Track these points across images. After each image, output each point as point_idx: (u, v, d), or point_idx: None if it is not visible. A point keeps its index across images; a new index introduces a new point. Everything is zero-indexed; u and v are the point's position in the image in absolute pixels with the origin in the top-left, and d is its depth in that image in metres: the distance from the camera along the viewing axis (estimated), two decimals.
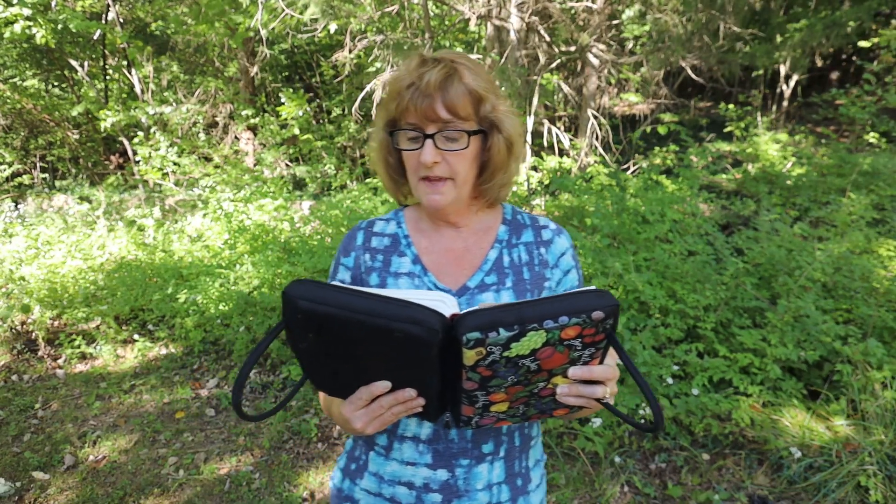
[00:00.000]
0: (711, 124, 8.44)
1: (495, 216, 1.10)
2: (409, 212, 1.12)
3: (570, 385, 0.82)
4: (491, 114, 0.97)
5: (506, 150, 1.00)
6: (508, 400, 0.84)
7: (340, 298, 0.76)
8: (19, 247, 5.01)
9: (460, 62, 0.95)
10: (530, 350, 0.76)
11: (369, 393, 0.84)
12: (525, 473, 1.08)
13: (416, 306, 0.75)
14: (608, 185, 4.59)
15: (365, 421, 0.86)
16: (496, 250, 1.06)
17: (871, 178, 5.07)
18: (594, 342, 0.78)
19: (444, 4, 7.11)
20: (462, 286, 1.02)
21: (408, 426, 1.03)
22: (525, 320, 0.73)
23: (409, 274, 1.03)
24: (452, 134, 0.94)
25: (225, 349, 4.00)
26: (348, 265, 1.08)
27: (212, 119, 10.79)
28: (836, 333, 2.79)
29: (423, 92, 0.92)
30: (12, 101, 9.85)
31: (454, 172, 0.97)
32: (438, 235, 1.07)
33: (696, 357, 2.87)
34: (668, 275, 3.38)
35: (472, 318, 0.74)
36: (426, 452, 1.02)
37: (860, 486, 2.34)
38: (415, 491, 1.03)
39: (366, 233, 1.10)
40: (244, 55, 9.98)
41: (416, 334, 0.74)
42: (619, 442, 2.79)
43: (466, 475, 1.02)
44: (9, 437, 3.10)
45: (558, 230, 1.10)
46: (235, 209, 5.30)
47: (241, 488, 2.67)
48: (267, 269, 4.04)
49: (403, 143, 0.98)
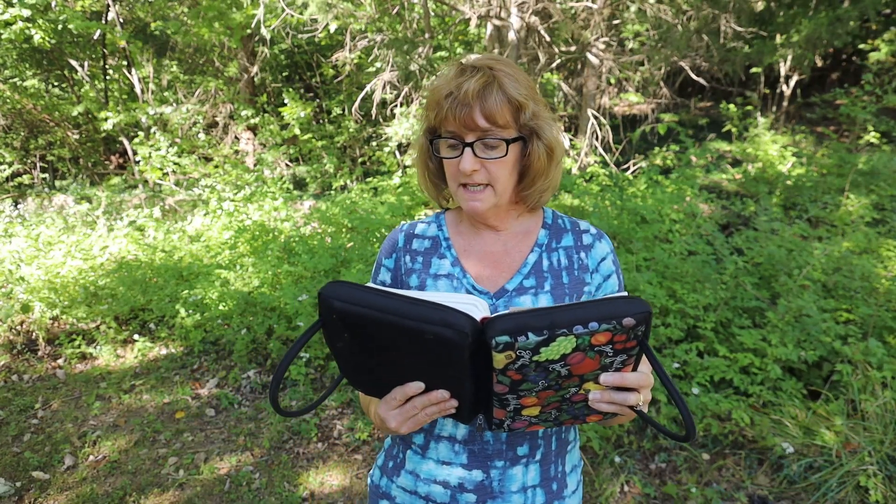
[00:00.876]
0: (711, 124, 8.44)
1: (536, 220, 1.11)
2: (449, 215, 1.14)
3: (602, 391, 0.82)
4: (531, 121, 0.97)
5: (546, 157, 1.00)
6: (540, 404, 0.85)
7: (373, 300, 0.78)
8: (19, 247, 5.01)
9: (500, 69, 0.95)
10: (560, 355, 0.76)
11: (403, 393, 0.86)
12: (561, 478, 1.08)
13: (448, 309, 0.76)
14: (608, 186, 4.59)
15: (399, 420, 0.88)
16: (535, 254, 1.06)
17: (871, 177, 5.08)
18: (626, 349, 0.77)
19: (444, 4, 7.11)
20: (500, 289, 1.03)
21: (444, 426, 1.04)
22: (555, 325, 0.73)
23: (448, 276, 1.05)
24: (491, 142, 0.94)
25: (225, 349, 4.00)
26: (389, 266, 1.10)
27: (212, 119, 10.79)
28: (836, 333, 2.79)
29: (462, 101, 0.92)
30: (12, 101, 9.86)
31: (493, 179, 0.97)
32: (478, 238, 1.08)
33: (696, 357, 2.87)
34: (668, 274, 3.38)
35: (501, 322, 0.74)
36: (462, 453, 1.03)
37: (860, 486, 2.34)
38: (450, 490, 1.04)
39: (407, 235, 1.11)
40: (244, 55, 9.98)
41: (446, 336, 0.75)
42: (619, 441, 2.79)
43: (501, 477, 1.03)
44: (9, 437, 3.10)
45: (599, 235, 1.10)
46: (236, 209, 5.30)
47: (241, 488, 2.67)
48: (267, 269, 4.04)
49: (444, 150, 0.99)
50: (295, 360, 3.64)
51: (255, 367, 3.75)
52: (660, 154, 6.65)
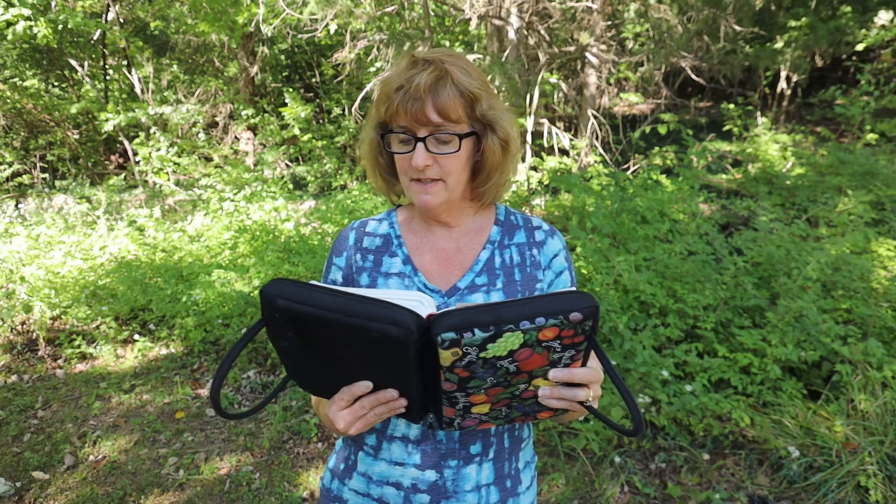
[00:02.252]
0: (711, 124, 8.44)
1: (488, 217, 1.09)
2: (401, 212, 1.12)
3: (551, 387, 0.81)
4: (487, 113, 0.96)
5: (501, 151, 0.99)
6: (489, 402, 0.84)
7: (317, 298, 0.76)
8: (20, 247, 5.01)
9: (452, 63, 0.93)
10: (507, 351, 0.75)
11: (351, 393, 0.84)
12: (515, 475, 1.08)
13: (393, 306, 0.75)
14: (608, 185, 4.59)
15: (348, 421, 0.86)
16: (488, 251, 1.05)
17: (870, 177, 5.08)
18: (574, 344, 0.77)
19: (444, 4, 7.11)
20: (452, 287, 1.02)
21: (397, 426, 1.02)
22: (501, 321, 0.72)
23: (399, 274, 1.03)
24: (444, 137, 0.93)
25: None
26: (340, 265, 1.08)
27: (212, 119, 10.79)
28: (836, 333, 2.79)
29: (413, 95, 0.90)
30: (12, 101, 9.85)
31: (445, 174, 0.96)
32: (430, 235, 1.07)
33: (695, 357, 2.87)
34: (668, 274, 3.38)
35: (447, 319, 0.73)
36: (415, 453, 1.01)
37: (860, 486, 2.34)
38: (403, 491, 1.02)
39: (357, 233, 1.09)
40: (244, 55, 9.98)
41: (392, 334, 0.74)
42: (619, 442, 2.79)
43: (455, 476, 1.02)
44: (9, 437, 3.10)
45: (551, 231, 1.09)
46: (236, 208, 5.30)
47: (241, 488, 2.67)
48: (267, 269, 4.04)
49: (395, 145, 0.97)
50: None
51: (255, 368, 3.75)
52: (658, 154, 6.65)
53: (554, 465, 2.69)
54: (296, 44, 9.89)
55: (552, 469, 2.66)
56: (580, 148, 6.97)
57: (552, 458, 2.73)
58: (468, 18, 6.35)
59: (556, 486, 2.56)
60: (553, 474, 2.61)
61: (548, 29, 7.03)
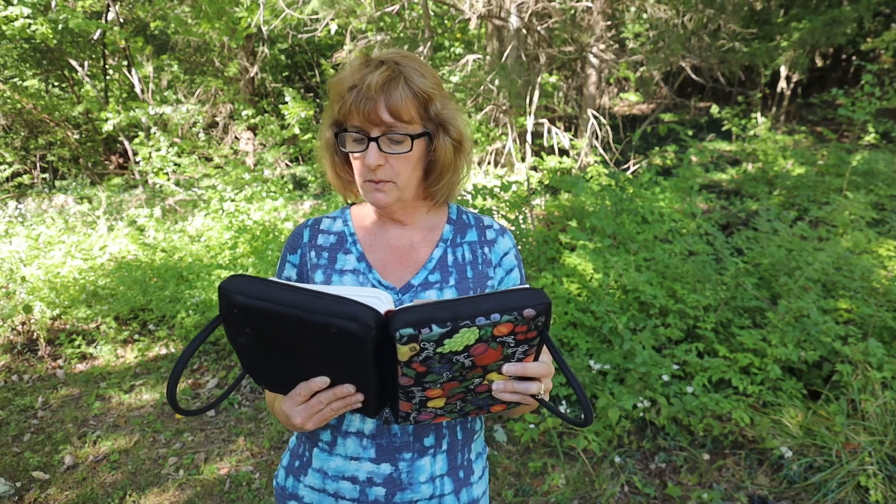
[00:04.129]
0: (711, 124, 8.45)
1: (441, 215, 1.11)
2: (355, 209, 1.13)
3: (505, 381, 0.84)
4: (440, 113, 0.97)
5: (453, 151, 1.00)
6: (445, 396, 0.86)
7: (276, 294, 0.76)
8: (20, 247, 5.01)
9: (405, 63, 0.94)
10: (464, 346, 0.77)
11: (308, 388, 0.84)
12: (467, 466, 1.10)
13: (352, 302, 0.76)
14: (608, 185, 4.59)
15: (304, 416, 0.87)
16: (441, 249, 1.07)
17: (871, 177, 5.08)
18: (527, 339, 0.79)
19: (444, 4, 7.11)
20: (406, 284, 1.03)
21: (352, 422, 1.04)
22: (458, 317, 0.74)
23: (353, 271, 1.04)
24: (396, 137, 0.94)
25: (225, 349, 4.01)
26: (294, 262, 1.09)
27: (212, 119, 10.79)
28: (836, 333, 2.79)
29: (366, 95, 0.91)
30: (12, 101, 9.85)
31: (396, 175, 0.97)
32: (384, 233, 1.08)
33: (696, 357, 2.87)
34: (668, 275, 3.38)
35: (405, 315, 0.75)
36: (369, 447, 1.03)
37: (860, 486, 2.34)
38: (358, 485, 1.04)
39: (312, 230, 1.10)
40: (244, 55, 9.99)
41: (351, 330, 0.75)
42: (619, 442, 2.79)
43: (409, 468, 1.04)
44: (9, 437, 3.10)
45: (501, 230, 1.12)
46: (237, 208, 5.30)
47: (241, 488, 2.67)
48: (267, 269, 4.04)
49: (349, 144, 0.98)
50: None
51: None
52: (657, 154, 6.65)
53: (554, 465, 2.69)
54: (296, 43, 9.90)
55: (552, 469, 2.66)
56: (580, 148, 6.97)
57: (552, 458, 2.73)
58: (468, 18, 6.35)
59: (556, 486, 2.56)
60: (553, 474, 2.61)
61: (548, 29, 7.04)
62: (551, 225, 4.68)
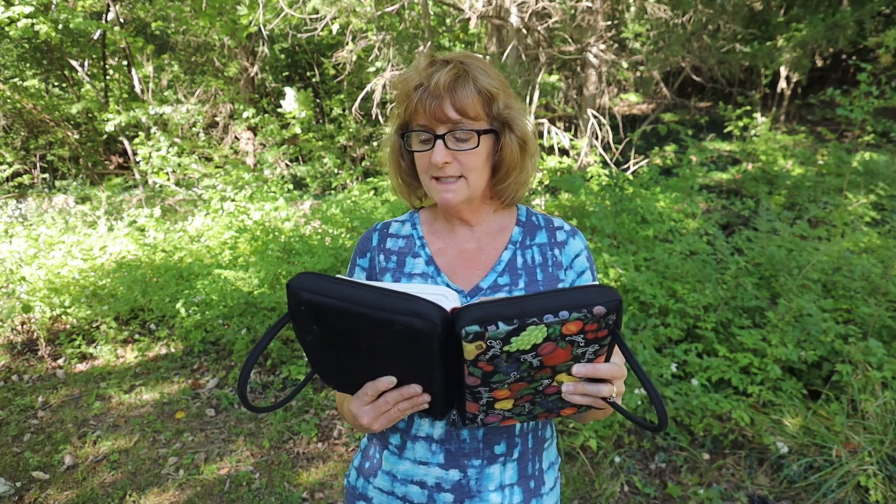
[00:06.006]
0: (711, 124, 8.44)
1: (510, 217, 1.10)
2: (424, 213, 1.13)
3: (575, 383, 0.81)
4: (503, 112, 0.97)
5: (519, 149, 1.00)
6: (513, 397, 0.84)
7: (342, 290, 0.76)
8: (20, 247, 5.01)
9: (470, 62, 0.95)
10: (531, 345, 0.75)
11: (375, 388, 0.84)
12: (538, 476, 1.07)
13: (417, 299, 0.75)
14: (608, 185, 4.59)
15: (371, 416, 0.86)
16: (510, 251, 1.05)
17: (871, 178, 5.08)
18: (597, 338, 0.76)
19: (444, 4, 7.11)
20: (475, 287, 1.02)
21: (421, 426, 1.03)
22: (525, 314, 0.72)
23: (422, 275, 1.04)
24: (462, 134, 0.94)
25: (225, 349, 4.01)
26: (364, 266, 1.09)
27: (212, 119, 10.79)
28: (836, 333, 2.79)
29: (433, 93, 0.91)
30: (12, 101, 9.86)
31: (466, 171, 0.97)
32: (453, 236, 1.08)
33: (696, 357, 2.87)
34: (668, 274, 3.38)
35: (471, 312, 0.73)
36: (438, 452, 1.02)
37: (860, 486, 2.34)
38: (427, 490, 1.02)
39: (381, 234, 1.10)
40: (244, 55, 9.99)
41: (416, 327, 0.74)
42: (619, 441, 2.79)
43: (478, 476, 1.01)
44: (9, 437, 3.10)
45: (573, 232, 1.10)
46: (237, 208, 5.30)
47: (241, 488, 2.67)
48: (267, 268, 4.04)
49: (415, 144, 0.98)
50: (296, 361, 3.64)
51: (256, 367, 3.74)
52: (657, 154, 6.65)
53: None
54: (296, 43, 9.89)
55: None
56: (580, 148, 6.97)
57: None
58: (468, 18, 6.35)
59: None
60: None
61: (548, 29, 7.03)
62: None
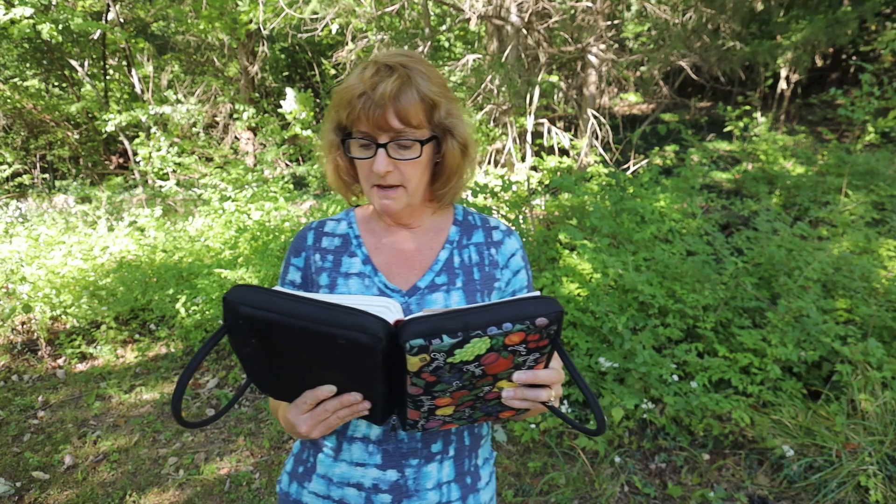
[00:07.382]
0: (711, 124, 8.44)
1: (447, 217, 1.11)
2: (360, 211, 1.13)
3: (515, 389, 0.83)
4: (445, 119, 0.96)
5: (460, 154, 1.00)
6: (454, 404, 0.85)
7: (282, 305, 0.75)
8: (20, 247, 5.01)
9: (413, 66, 0.93)
10: (474, 356, 0.76)
11: (314, 397, 0.83)
12: (474, 472, 1.09)
13: (361, 313, 0.74)
14: (608, 185, 4.59)
15: (310, 424, 0.86)
16: (447, 251, 1.06)
17: (871, 177, 5.07)
18: (538, 347, 0.78)
19: (444, 4, 7.11)
20: (412, 286, 1.02)
21: (357, 427, 1.03)
22: (469, 327, 0.73)
23: (359, 274, 1.03)
24: (405, 143, 0.93)
25: (225, 349, 4.01)
26: (299, 265, 1.08)
27: (212, 119, 10.80)
28: (836, 333, 2.79)
29: (377, 102, 0.90)
30: (12, 101, 9.86)
31: (406, 180, 0.96)
32: (389, 236, 1.08)
33: (695, 357, 2.87)
34: (668, 275, 3.38)
35: (415, 325, 0.73)
36: (376, 453, 1.02)
37: (860, 486, 2.34)
38: (364, 492, 1.02)
39: (316, 233, 1.09)
40: (244, 55, 9.99)
41: (360, 341, 0.74)
42: (619, 442, 2.79)
43: (416, 475, 1.02)
44: (9, 437, 3.10)
45: (508, 231, 1.11)
46: (237, 208, 5.30)
47: (241, 488, 2.67)
48: (267, 268, 4.04)
49: (355, 150, 0.97)
50: None
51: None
52: (657, 154, 6.65)
53: (554, 465, 2.69)
54: (296, 43, 9.90)
55: (552, 469, 2.66)
56: (580, 148, 6.97)
57: (552, 458, 2.73)
58: (468, 18, 6.35)
59: (556, 486, 2.56)
60: (553, 474, 2.61)
61: (548, 29, 7.03)
62: (551, 225, 4.68)
